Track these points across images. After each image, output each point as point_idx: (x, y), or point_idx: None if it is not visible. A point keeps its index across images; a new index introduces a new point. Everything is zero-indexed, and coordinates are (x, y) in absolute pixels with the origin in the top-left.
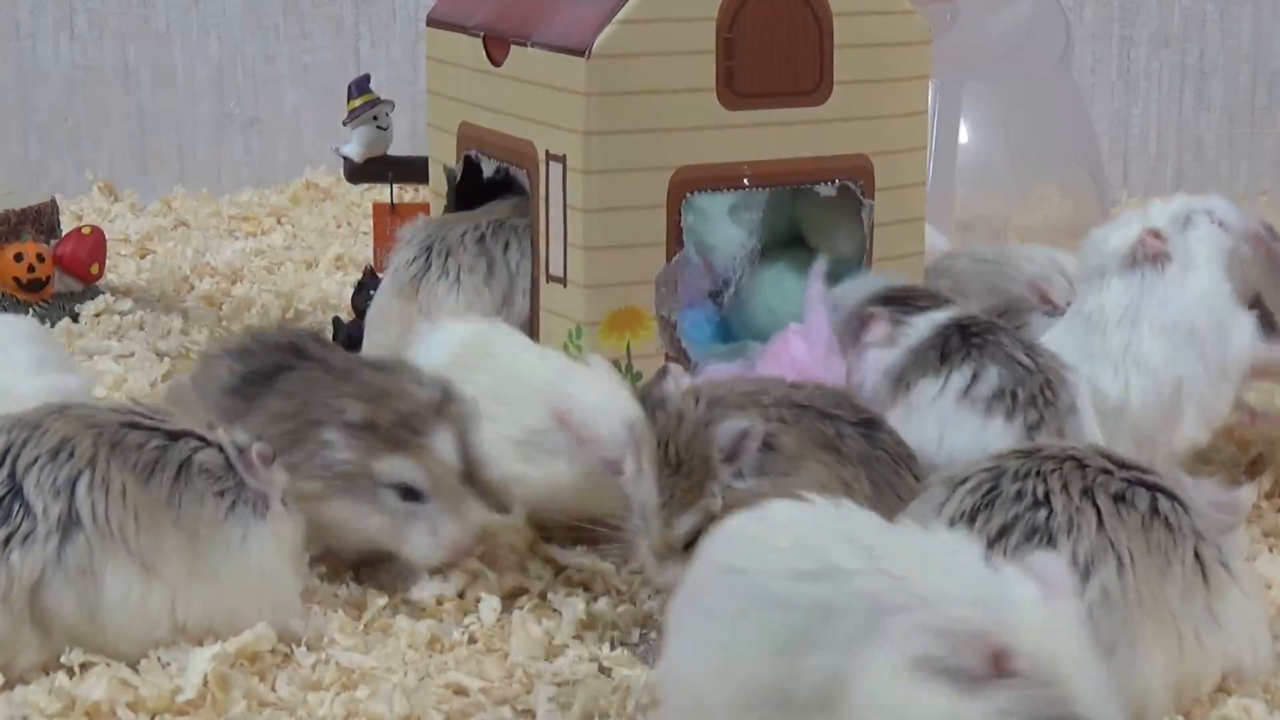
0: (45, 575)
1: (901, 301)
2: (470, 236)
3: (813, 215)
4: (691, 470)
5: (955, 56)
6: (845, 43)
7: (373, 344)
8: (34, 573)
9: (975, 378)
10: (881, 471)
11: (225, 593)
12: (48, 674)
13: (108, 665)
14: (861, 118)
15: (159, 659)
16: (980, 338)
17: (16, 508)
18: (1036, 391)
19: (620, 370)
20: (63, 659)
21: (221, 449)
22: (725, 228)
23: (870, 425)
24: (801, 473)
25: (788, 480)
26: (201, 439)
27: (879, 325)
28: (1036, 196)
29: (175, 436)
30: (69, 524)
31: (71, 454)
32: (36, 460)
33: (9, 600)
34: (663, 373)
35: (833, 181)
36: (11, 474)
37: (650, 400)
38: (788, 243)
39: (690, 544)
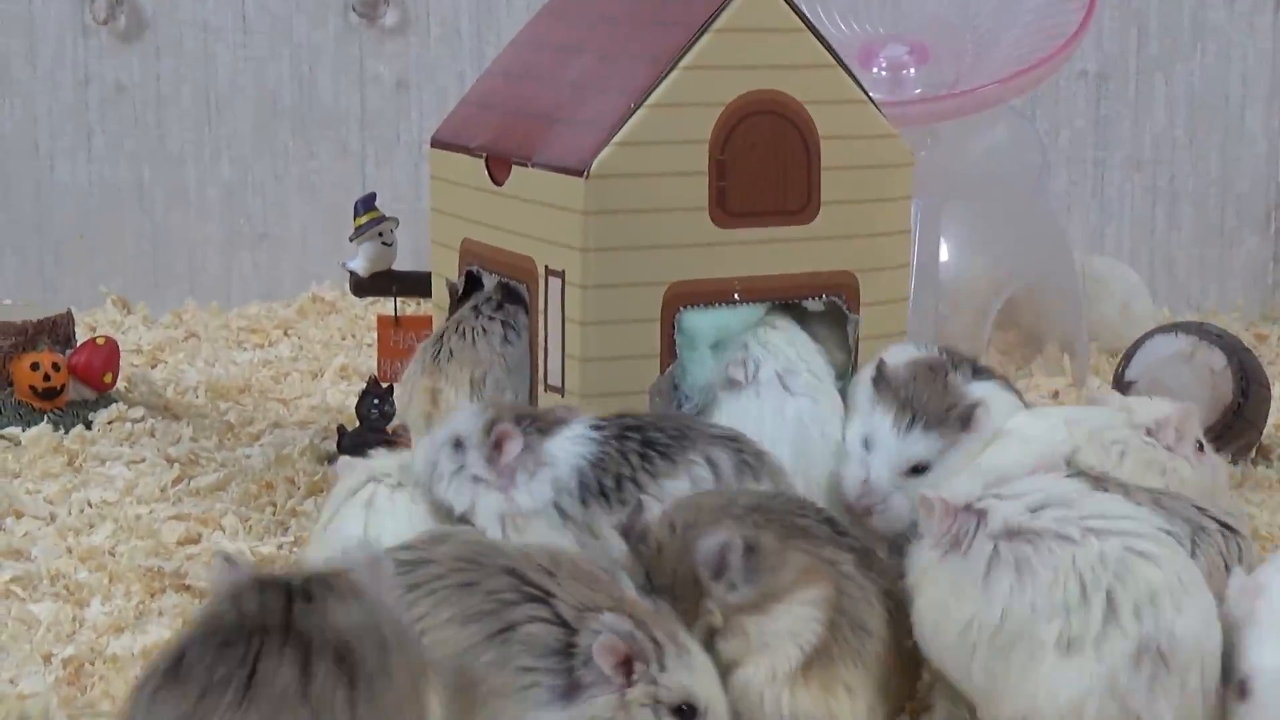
0: None
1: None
2: (476, 310)
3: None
4: (684, 594)
5: (935, 177)
6: (832, 164)
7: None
8: None
9: None
10: (848, 570)
11: None
12: None
13: None
14: (847, 236)
15: None
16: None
17: None
18: None
19: None
20: None
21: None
22: (704, 359)
23: (833, 524)
24: (787, 565)
25: (776, 576)
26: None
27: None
28: (1003, 314)
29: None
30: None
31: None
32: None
33: None
34: (637, 506)
35: (820, 296)
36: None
37: (631, 536)
38: None
39: None
